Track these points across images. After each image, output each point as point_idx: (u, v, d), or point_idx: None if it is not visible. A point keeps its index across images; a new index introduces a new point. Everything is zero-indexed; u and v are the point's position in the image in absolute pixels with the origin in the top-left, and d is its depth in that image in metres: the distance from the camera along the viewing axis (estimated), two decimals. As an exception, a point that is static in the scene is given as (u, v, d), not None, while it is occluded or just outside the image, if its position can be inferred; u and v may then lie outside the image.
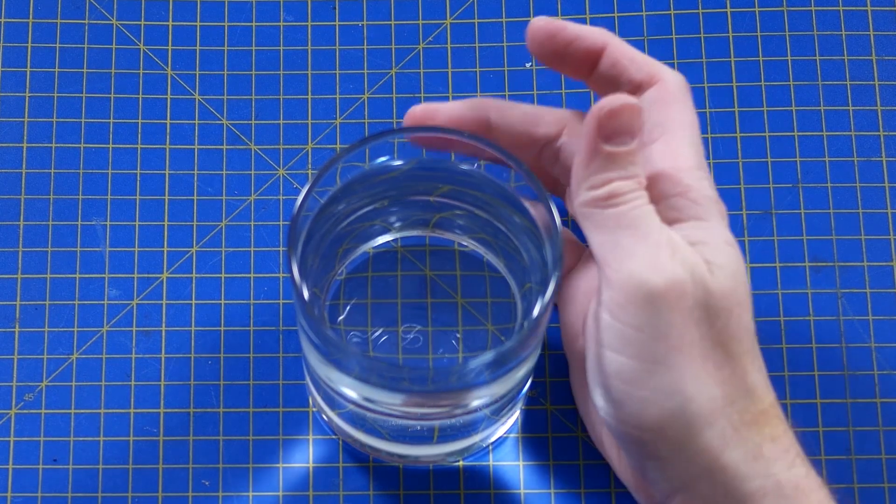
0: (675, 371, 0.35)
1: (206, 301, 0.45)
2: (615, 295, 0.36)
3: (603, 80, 0.39)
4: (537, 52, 0.39)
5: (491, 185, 0.39)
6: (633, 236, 0.36)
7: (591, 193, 0.36)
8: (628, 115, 0.35)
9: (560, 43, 0.38)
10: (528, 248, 0.40)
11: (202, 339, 0.45)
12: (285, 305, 0.45)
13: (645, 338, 0.35)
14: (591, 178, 0.36)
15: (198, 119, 0.48)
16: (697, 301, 0.35)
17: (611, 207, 0.36)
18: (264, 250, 0.46)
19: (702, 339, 0.36)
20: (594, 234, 0.36)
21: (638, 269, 0.35)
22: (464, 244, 0.43)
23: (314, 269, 0.40)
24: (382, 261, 0.43)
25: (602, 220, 0.36)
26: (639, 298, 0.35)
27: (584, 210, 0.36)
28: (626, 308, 0.35)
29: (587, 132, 0.35)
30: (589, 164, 0.36)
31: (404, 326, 0.42)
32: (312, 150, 0.47)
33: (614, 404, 0.37)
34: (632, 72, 0.38)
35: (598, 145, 0.35)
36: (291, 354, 0.45)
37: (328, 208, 0.39)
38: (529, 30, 0.39)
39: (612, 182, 0.36)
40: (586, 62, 0.39)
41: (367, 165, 0.39)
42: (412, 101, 0.48)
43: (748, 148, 0.47)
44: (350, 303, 0.42)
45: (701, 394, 0.35)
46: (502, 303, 0.42)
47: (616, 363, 0.36)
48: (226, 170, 0.47)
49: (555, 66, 0.39)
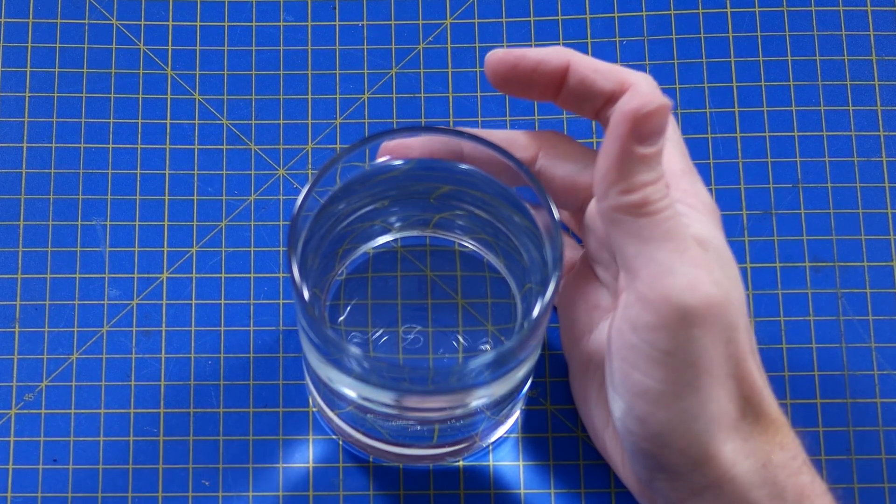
0: (702, 393, 0.35)
1: (205, 301, 0.45)
2: (646, 315, 0.35)
3: (573, 98, 0.38)
4: (501, 85, 0.38)
5: (491, 186, 0.39)
6: (669, 250, 0.35)
7: (623, 198, 0.35)
8: (662, 115, 0.35)
9: (523, 71, 0.38)
10: (528, 248, 0.40)
11: (202, 340, 0.45)
12: (285, 305, 0.45)
13: (676, 362, 0.35)
14: (622, 181, 0.35)
15: (198, 119, 0.48)
16: (726, 321, 0.35)
17: (644, 216, 0.35)
18: (264, 250, 0.46)
19: (727, 359, 0.36)
20: (624, 242, 0.35)
21: (675, 289, 0.34)
22: (464, 244, 0.43)
23: (314, 270, 0.40)
24: (382, 261, 0.43)
25: (634, 228, 0.35)
26: (673, 321, 0.35)
27: (613, 215, 0.35)
28: (658, 331, 0.35)
29: (618, 134, 0.35)
30: (620, 167, 0.35)
31: (404, 327, 0.42)
32: (312, 150, 0.47)
33: (635, 421, 0.36)
34: (600, 84, 0.37)
35: (632, 147, 0.35)
36: (291, 354, 0.45)
37: (328, 208, 0.39)
38: (488, 64, 0.38)
39: (646, 187, 0.35)
40: (552, 84, 0.38)
41: (368, 165, 0.39)
42: (412, 101, 0.48)
43: (748, 148, 0.47)
44: (350, 303, 0.42)
45: (722, 413, 0.36)
46: (502, 303, 0.42)
47: (641, 385, 0.36)
48: (226, 170, 0.47)
49: (519, 94, 0.39)
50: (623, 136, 0.35)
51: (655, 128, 0.35)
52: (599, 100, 0.38)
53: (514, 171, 0.38)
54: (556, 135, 0.40)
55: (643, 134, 0.35)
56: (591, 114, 0.38)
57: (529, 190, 0.37)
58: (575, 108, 0.39)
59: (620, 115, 0.35)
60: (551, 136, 0.40)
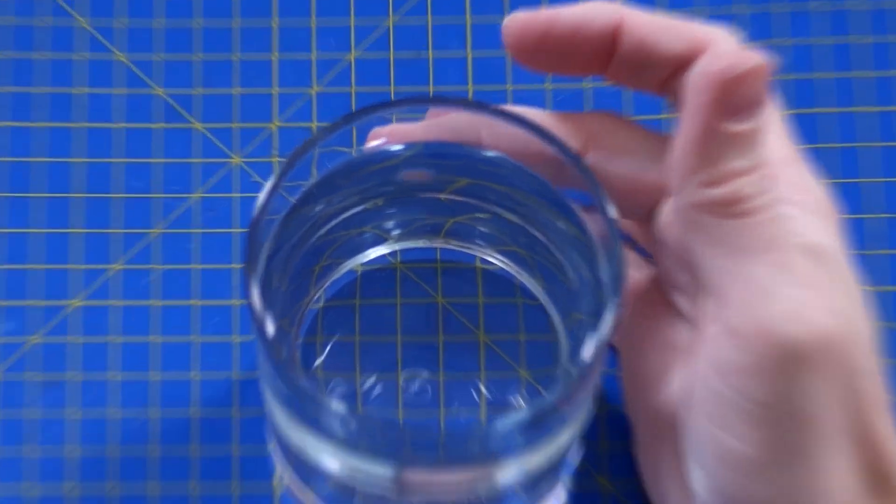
0: (814, 462, 0.35)
1: (131, 338, 0.46)
2: (737, 355, 0.35)
3: (628, 68, 0.38)
4: (528, 60, 0.38)
5: (526, 179, 0.39)
6: (769, 265, 0.35)
7: (706, 193, 0.35)
8: (760, 78, 0.35)
9: (558, 39, 0.38)
10: (576, 264, 0.40)
11: (126, 391, 0.45)
12: (242, 344, 0.45)
13: (778, 420, 0.35)
14: (706, 169, 0.35)
15: (121, 87, 0.48)
16: (847, 364, 0.35)
17: (735, 217, 0.35)
18: (212, 268, 0.46)
19: (847, 415, 0.36)
20: (707, 254, 0.36)
21: (777, 319, 0.35)
22: (488, 260, 0.43)
23: (282, 295, 0.40)
24: (376, 283, 0.43)
25: (721, 234, 0.35)
26: (775, 364, 0.35)
27: (693, 217, 0.36)
28: (754, 377, 0.35)
29: (699, 104, 0.35)
30: (702, 150, 0.35)
31: (406, 373, 0.42)
32: (279, 129, 0.48)
33: (723, 499, 0.37)
34: (666, 45, 0.37)
35: (717, 122, 0.35)
36: (250, 412, 0.45)
37: (301, 210, 0.39)
38: (509, 32, 0.38)
39: (738, 177, 0.35)
40: (599, 53, 0.38)
41: (355, 152, 0.39)
42: (416, 62, 0.48)
43: (869, 126, 0.47)
44: (332, 340, 0.42)
45: (841, 488, 0.36)
46: (540, 341, 0.42)
47: (732, 451, 0.36)
48: (160, 157, 0.47)
49: (554, 70, 0.39)
50: (706, 108, 0.35)
51: (751, 96, 0.35)
52: (666, 67, 0.38)
53: (556, 162, 0.37)
54: (612, 118, 0.40)
55: (734, 104, 0.35)
56: (655, 86, 0.38)
57: (577, 189, 0.37)
58: (631, 81, 0.39)
59: (703, 80, 0.35)
60: (606, 119, 0.40)
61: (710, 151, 0.35)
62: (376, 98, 0.47)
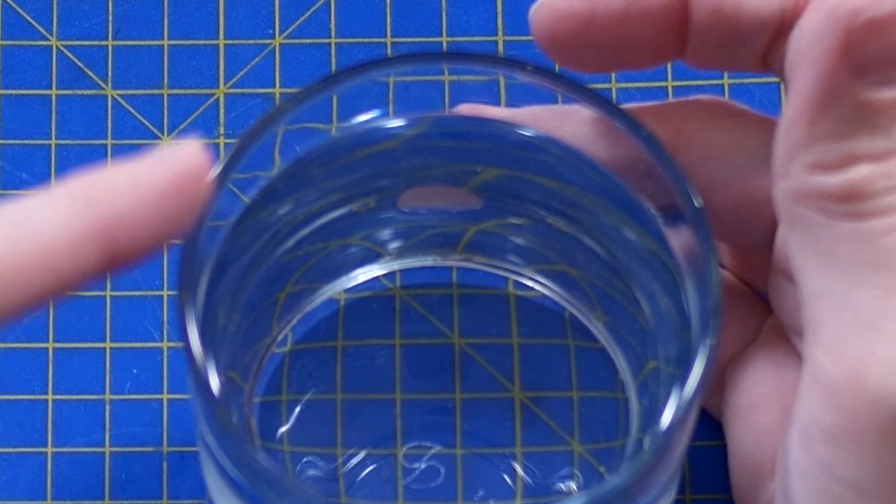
0: None
1: (22, 396, 0.46)
2: (822, 411, 0.36)
3: (711, 45, 0.39)
4: (567, 59, 0.39)
5: (581, 170, 0.39)
6: (883, 289, 0.35)
7: (816, 180, 0.36)
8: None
9: (604, 26, 0.39)
10: (650, 292, 0.40)
11: (17, 468, 0.46)
12: (174, 403, 0.46)
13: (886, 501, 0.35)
14: (819, 144, 0.35)
15: (6, 39, 0.48)
16: None
17: (852, 218, 0.35)
18: (135, 296, 0.47)
19: None
20: (806, 263, 0.36)
21: (880, 364, 0.35)
22: (525, 284, 0.43)
23: (231, 335, 0.40)
24: (366, 317, 0.43)
25: (830, 239, 0.36)
26: (872, 427, 0.35)
27: (795, 211, 0.36)
28: (844, 446, 0.35)
29: (819, 52, 0.35)
30: (817, 117, 0.35)
31: (408, 447, 0.43)
32: (226, 97, 0.48)
33: None
34: (752, 5, 0.38)
35: (842, 80, 0.35)
36: (186, 502, 0.45)
37: (259, 213, 0.39)
38: (538, 23, 0.39)
39: (863, 163, 0.35)
40: (665, 35, 0.39)
41: (335, 130, 0.39)
42: (422, 4, 0.49)
43: None
44: (302, 399, 0.43)
45: None
46: (601, 399, 0.43)
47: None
48: (58, 136, 0.48)
49: (606, 68, 0.40)
50: (828, 57, 0.35)
51: (888, 52, 0.35)
52: (759, 35, 0.38)
53: (625, 149, 0.38)
54: (711, 106, 0.41)
55: (864, 61, 0.35)
56: (754, 63, 0.39)
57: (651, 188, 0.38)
58: (722, 62, 0.39)
59: (826, 21, 0.35)
60: (701, 109, 0.41)
61: (828, 121, 0.35)
62: (366, 53, 0.48)
